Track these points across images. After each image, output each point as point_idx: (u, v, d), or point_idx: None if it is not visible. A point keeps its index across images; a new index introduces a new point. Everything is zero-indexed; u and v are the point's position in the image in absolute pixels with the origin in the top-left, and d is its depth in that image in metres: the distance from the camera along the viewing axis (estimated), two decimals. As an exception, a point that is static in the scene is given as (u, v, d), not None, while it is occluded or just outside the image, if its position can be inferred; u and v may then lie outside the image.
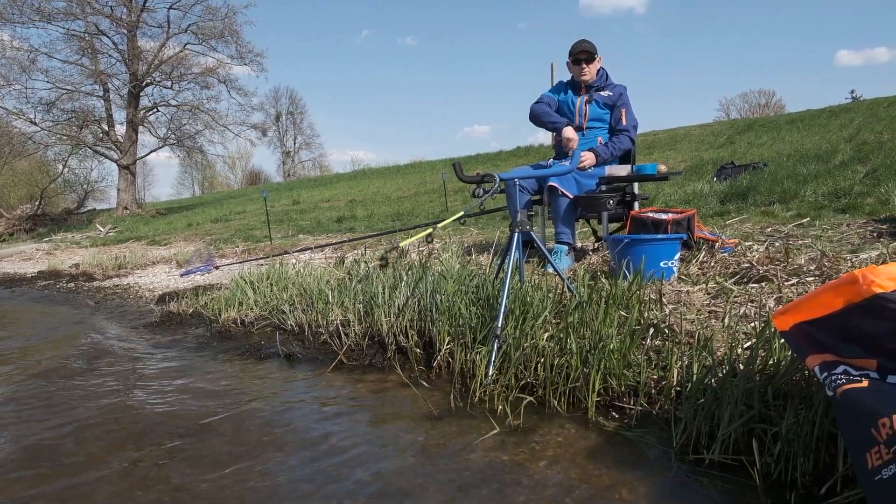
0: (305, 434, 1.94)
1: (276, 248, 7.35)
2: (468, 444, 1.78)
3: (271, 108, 53.37)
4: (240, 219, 14.43)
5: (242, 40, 24.06)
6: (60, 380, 2.74)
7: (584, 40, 3.86)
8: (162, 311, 4.11)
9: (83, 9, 21.65)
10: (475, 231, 6.57)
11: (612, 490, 1.48)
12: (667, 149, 15.02)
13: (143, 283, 6.12)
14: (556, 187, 3.55)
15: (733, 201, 5.82)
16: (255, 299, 3.72)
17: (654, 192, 7.02)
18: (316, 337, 3.01)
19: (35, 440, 2.01)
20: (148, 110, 24.50)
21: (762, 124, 16.24)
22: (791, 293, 2.47)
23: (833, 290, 1.19)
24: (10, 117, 22.41)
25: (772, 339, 1.67)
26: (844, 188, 5.28)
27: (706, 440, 1.60)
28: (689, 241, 3.24)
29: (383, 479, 1.60)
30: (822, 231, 3.84)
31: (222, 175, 56.36)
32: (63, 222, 21.43)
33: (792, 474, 1.43)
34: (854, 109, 15.01)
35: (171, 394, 2.44)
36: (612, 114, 3.90)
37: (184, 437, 1.96)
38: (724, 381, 1.62)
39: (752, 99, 48.00)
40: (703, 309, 2.43)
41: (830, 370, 1.16)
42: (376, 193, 16.23)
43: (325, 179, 29.17)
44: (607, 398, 1.94)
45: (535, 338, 2.13)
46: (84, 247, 12.96)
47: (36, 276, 7.90)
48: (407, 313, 2.67)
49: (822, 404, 1.39)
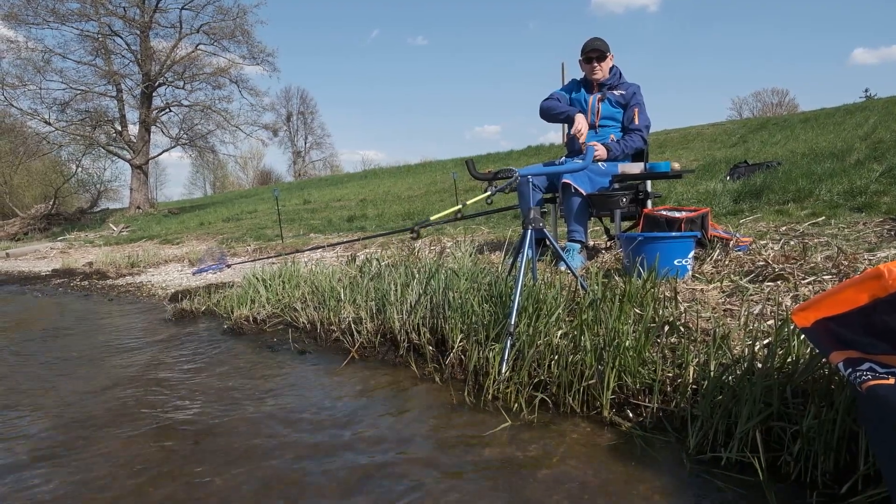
0: (318, 430, 1.94)
1: (287, 246, 7.37)
2: (482, 440, 1.77)
3: (282, 107, 53.84)
4: (251, 218, 14.50)
5: (254, 40, 24.27)
6: (75, 375, 2.76)
7: (596, 38, 3.84)
8: (175, 309, 4.13)
9: (97, 10, 21.88)
10: (486, 230, 6.55)
11: (627, 487, 1.46)
12: (679, 148, 14.91)
13: (156, 281, 6.15)
14: (570, 184, 3.53)
15: (747, 200, 5.77)
16: (267, 297, 3.73)
17: (667, 191, 6.97)
18: (328, 334, 3.02)
19: (48, 437, 2.03)
20: (160, 110, 24.69)
21: (775, 123, 16.08)
22: (808, 291, 2.44)
23: (857, 285, 1.16)
24: (24, 118, 22.69)
25: (790, 337, 1.64)
26: (860, 187, 5.21)
27: (723, 438, 1.58)
28: (703, 239, 3.21)
29: (396, 474, 1.59)
30: (838, 230, 3.80)
31: (234, 175, 56.82)
32: (77, 221, 21.65)
33: (812, 473, 1.41)
34: (869, 108, 14.82)
35: (184, 390, 2.45)
36: (624, 112, 3.87)
37: (197, 433, 1.97)
38: (742, 379, 1.60)
39: (765, 98, 47.73)
40: (718, 307, 2.40)
41: (855, 366, 1.13)
42: (387, 193, 16.24)
43: (336, 179, 29.23)
44: (622, 396, 1.92)
45: (548, 335, 2.11)
46: (97, 245, 13.09)
47: (50, 274, 7.98)
48: (419, 311, 2.66)
49: (844, 402, 1.37)
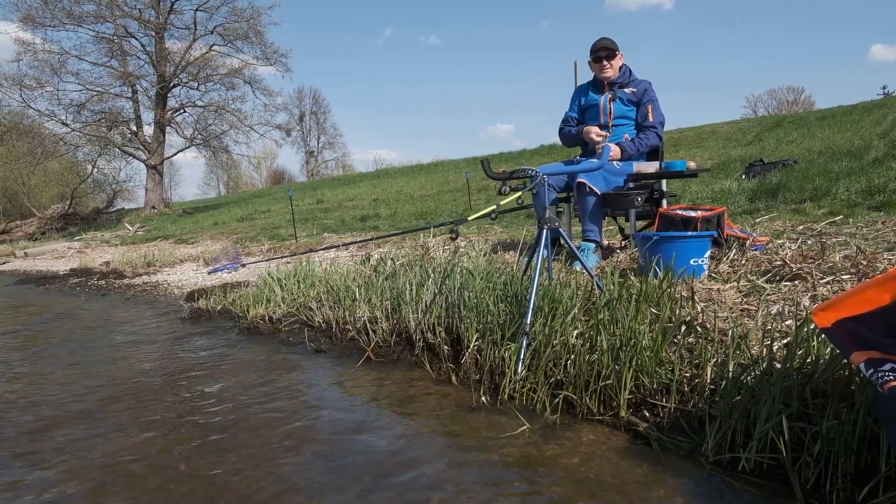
0: (335, 429, 1.96)
1: (301, 246, 7.41)
2: (498, 440, 1.78)
3: (295, 108, 54.10)
4: (265, 218, 14.59)
5: (267, 41, 24.45)
6: (92, 374, 2.80)
7: (604, 38, 3.84)
8: (191, 308, 4.18)
9: (112, 11, 22.13)
10: (499, 229, 6.55)
11: (645, 488, 1.46)
12: (693, 146, 14.80)
13: (172, 280, 6.22)
14: (585, 183, 3.52)
15: (763, 199, 5.72)
16: (282, 296, 3.75)
17: (682, 191, 6.93)
18: (343, 333, 3.03)
19: (66, 434, 2.06)
20: (175, 111, 24.93)
21: (791, 121, 15.92)
22: (826, 291, 2.42)
23: (879, 285, 1.15)
24: (42, 119, 23.00)
25: (809, 337, 1.63)
26: (879, 185, 5.15)
27: (741, 438, 1.58)
28: (719, 238, 3.19)
29: (413, 473, 1.60)
30: (856, 229, 3.75)
31: (247, 175, 57.25)
32: (93, 221, 21.93)
33: (832, 474, 1.40)
34: (888, 105, 14.63)
35: (201, 389, 2.48)
36: (637, 110, 3.86)
37: (215, 431, 1.99)
38: (761, 379, 1.59)
39: (781, 95, 47.22)
40: (735, 307, 2.38)
41: (877, 367, 1.12)
42: (399, 192, 16.27)
43: (349, 179, 29.32)
44: (639, 396, 1.92)
45: (564, 335, 2.11)
46: (114, 245, 13.24)
47: (68, 273, 8.09)
48: (434, 310, 2.67)
49: (865, 403, 1.36)
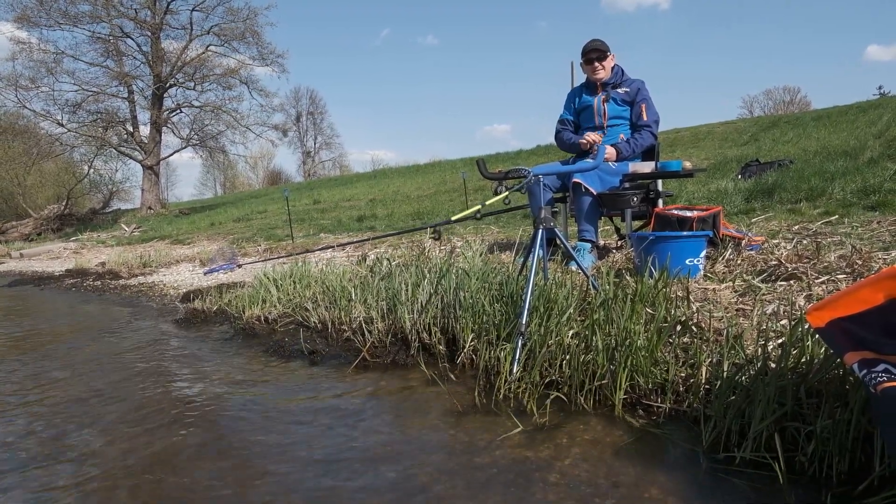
0: (330, 430, 1.95)
1: (297, 246, 7.40)
2: (493, 440, 1.77)
3: (292, 108, 54.04)
4: (261, 218, 14.57)
5: (263, 41, 24.44)
6: (87, 375, 2.79)
7: (594, 39, 3.87)
8: (187, 309, 4.16)
9: (108, 12, 22.07)
10: (496, 229, 6.55)
11: (640, 488, 1.46)
12: (689, 146, 14.82)
13: (168, 281, 6.20)
14: (581, 183, 3.52)
15: (759, 199, 5.72)
16: (278, 297, 3.74)
17: (677, 191, 6.93)
18: (339, 334, 3.02)
19: (59, 435, 2.05)
20: (171, 111, 24.90)
21: (787, 121, 15.95)
22: (821, 291, 2.42)
23: (873, 284, 1.15)
24: (38, 119, 22.95)
25: (804, 337, 1.63)
26: (874, 185, 5.15)
27: (736, 438, 1.58)
28: (714, 238, 3.19)
29: (408, 475, 1.60)
30: (851, 228, 3.76)
31: (244, 175, 57.11)
32: (89, 222, 21.86)
33: (826, 473, 1.40)
34: (883, 105, 14.67)
35: (196, 389, 2.47)
36: (632, 109, 3.86)
37: (209, 432, 1.99)
38: (756, 379, 1.59)
39: (777, 96, 47.37)
40: (730, 307, 2.39)
41: (870, 368, 1.12)
42: (396, 193, 16.26)
43: (346, 179, 29.30)
44: (634, 396, 1.92)
45: (559, 335, 2.11)
46: (110, 246, 13.21)
47: (64, 274, 8.06)
48: (430, 310, 2.67)
49: (859, 403, 1.36)
